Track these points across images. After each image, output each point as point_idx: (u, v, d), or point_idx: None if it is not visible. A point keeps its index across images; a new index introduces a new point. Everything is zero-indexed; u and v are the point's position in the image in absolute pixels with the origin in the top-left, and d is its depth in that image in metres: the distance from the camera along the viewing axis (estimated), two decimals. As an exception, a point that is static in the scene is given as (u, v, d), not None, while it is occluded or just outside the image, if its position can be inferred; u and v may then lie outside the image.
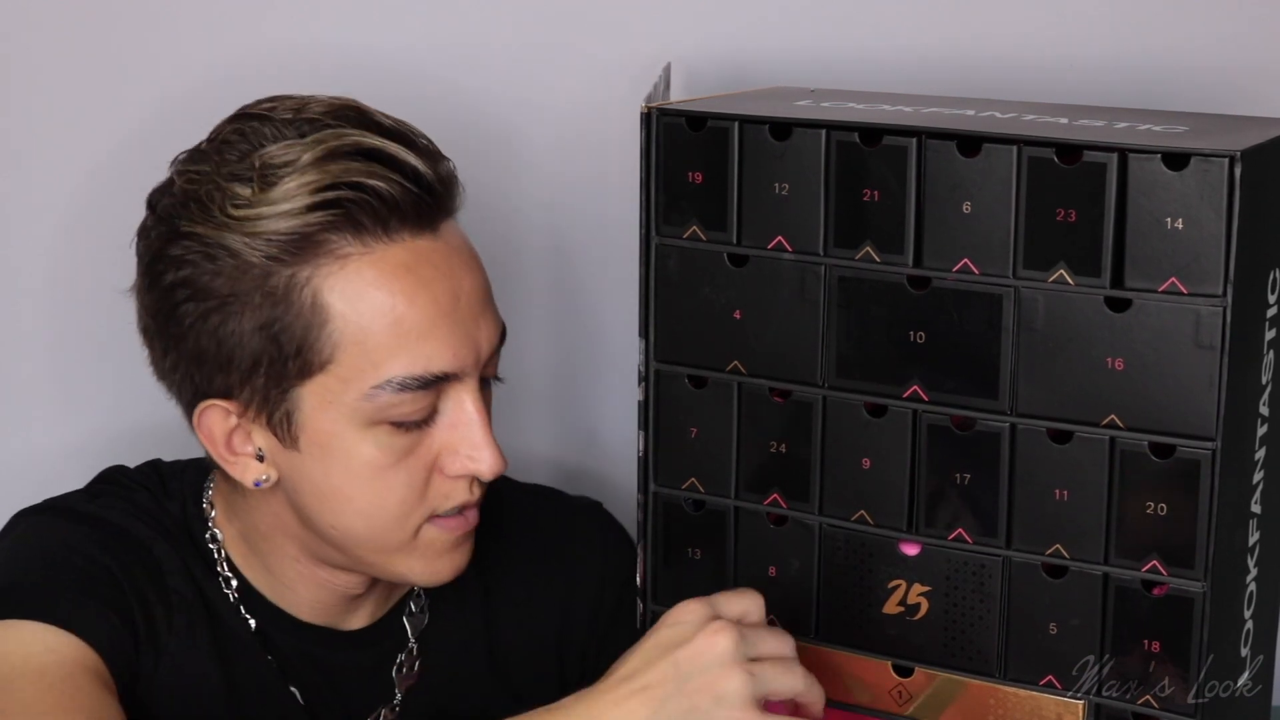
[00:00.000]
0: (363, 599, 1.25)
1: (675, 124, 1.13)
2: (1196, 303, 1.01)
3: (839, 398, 1.11)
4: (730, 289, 1.13)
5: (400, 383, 1.11)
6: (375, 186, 1.10)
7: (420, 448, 1.14)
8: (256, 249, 1.10)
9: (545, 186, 1.49)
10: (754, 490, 1.15)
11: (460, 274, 1.14)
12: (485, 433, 1.15)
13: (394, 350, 1.11)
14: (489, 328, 1.16)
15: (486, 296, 1.17)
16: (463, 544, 1.19)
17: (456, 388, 1.14)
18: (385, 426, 1.13)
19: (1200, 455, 1.02)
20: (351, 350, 1.11)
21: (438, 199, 1.14)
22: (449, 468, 1.15)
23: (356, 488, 1.14)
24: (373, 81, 1.26)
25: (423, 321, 1.11)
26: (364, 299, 1.11)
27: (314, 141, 1.11)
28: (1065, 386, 1.05)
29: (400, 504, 1.15)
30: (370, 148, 1.11)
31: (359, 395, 1.12)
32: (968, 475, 1.08)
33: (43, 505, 1.24)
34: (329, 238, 1.10)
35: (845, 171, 1.08)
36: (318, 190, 1.09)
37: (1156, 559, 1.04)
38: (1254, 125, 1.09)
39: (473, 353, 1.14)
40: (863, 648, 1.13)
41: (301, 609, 1.24)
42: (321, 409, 1.12)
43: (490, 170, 1.46)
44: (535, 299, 1.52)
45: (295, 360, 1.11)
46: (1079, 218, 1.03)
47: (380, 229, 1.11)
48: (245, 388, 1.13)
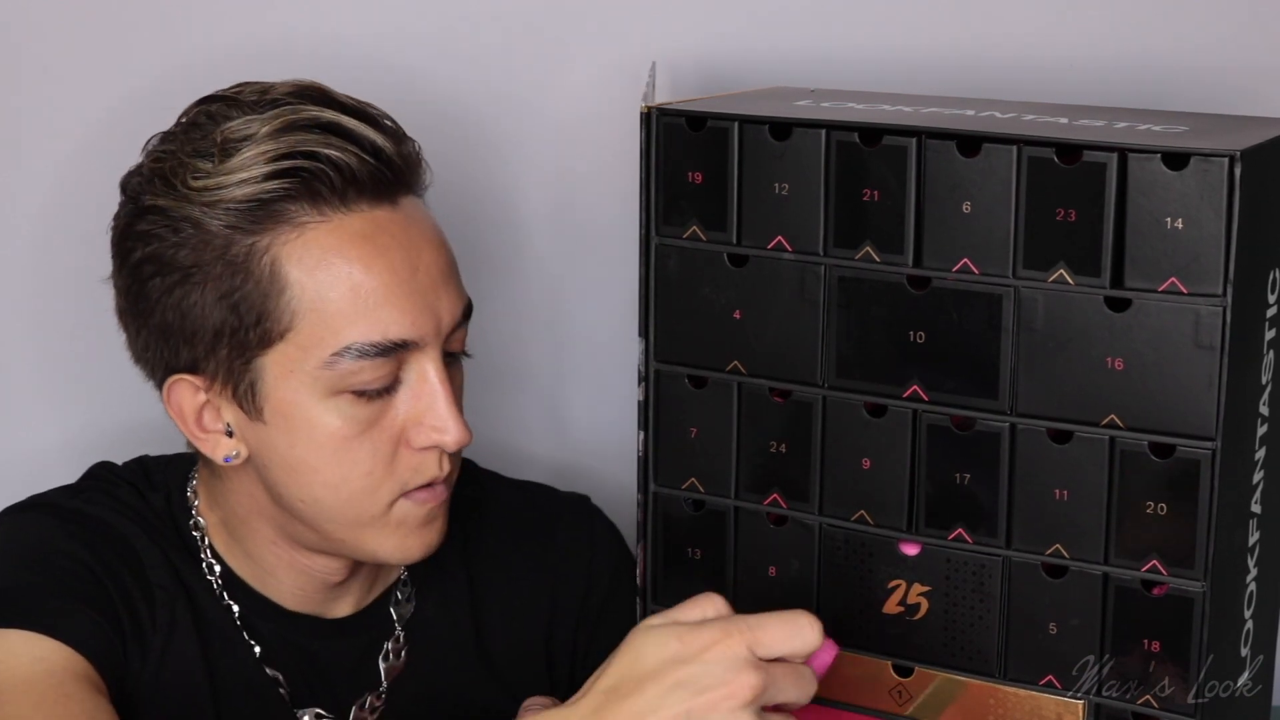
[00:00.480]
0: (346, 586, 1.25)
1: (675, 124, 1.13)
2: (1196, 303, 1.01)
3: (839, 398, 1.11)
4: (730, 289, 1.13)
5: (359, 349, 1.12)
6: (332, 156, 1.12)
7: (384, 419, 1.15)
8: (216, 218, 1.12)
9: (542, 185, 1.49)
10: (754, 490, 1.15)
11: (419, 245, 1.15)
12: (449, 403, 1.15)
13: (351, 317, 1.12)
14: (450, 300, 1.16)
15: (448, 270, 1.17)
16: (433, 521, 1.19)
17: (418, 357, 1.15)
18: (347, 396, 1.13)
19: (1200, 455, 1.02)
20: (310, 318, 1.12)
21: (396, 173, 1.16)
22: (415, 439, 1.15)
23: (321, 459, 1.15)
24: (350, 76, 1.26)
25: (380, 288, 1.13)
26: (321, 266, 1.12)
27: (273, 115, 1.13)
28: (1065, 386, 1.05)
29: (366, 476, 1.15)
30: (328, 121, 1.14)
31: (319, 363, 1.13)
32: (968, 475, 1.08)
33: (26, 503, 1.24)
34: (287, 207, 1.12)
35: (845, 171, 1.08)
36: (274, 159, 1.12)
37: (1156, 559, 1.04)
38: (1254, 125, 1.09)
39: (432, 321, 1.15)
40: (863, 648, 1.13)
41: (285, 597, 1.24)
42: (283, 378, 1.14)
43: (486, 168, 1.46)
44: (530, 297, 1.52)
45: (256, 329, 1.13)
46: (1079, 218, 1.03)
47: (337, 199, 1.13)
48: (210, 360, 1.15)
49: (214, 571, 1.23)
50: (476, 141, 1.45)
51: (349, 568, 1.24)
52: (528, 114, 1.48)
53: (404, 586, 1.29)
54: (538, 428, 1.55)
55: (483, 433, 1.49)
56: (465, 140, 1.43)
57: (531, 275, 1.51)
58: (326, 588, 1.24)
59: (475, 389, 1.49)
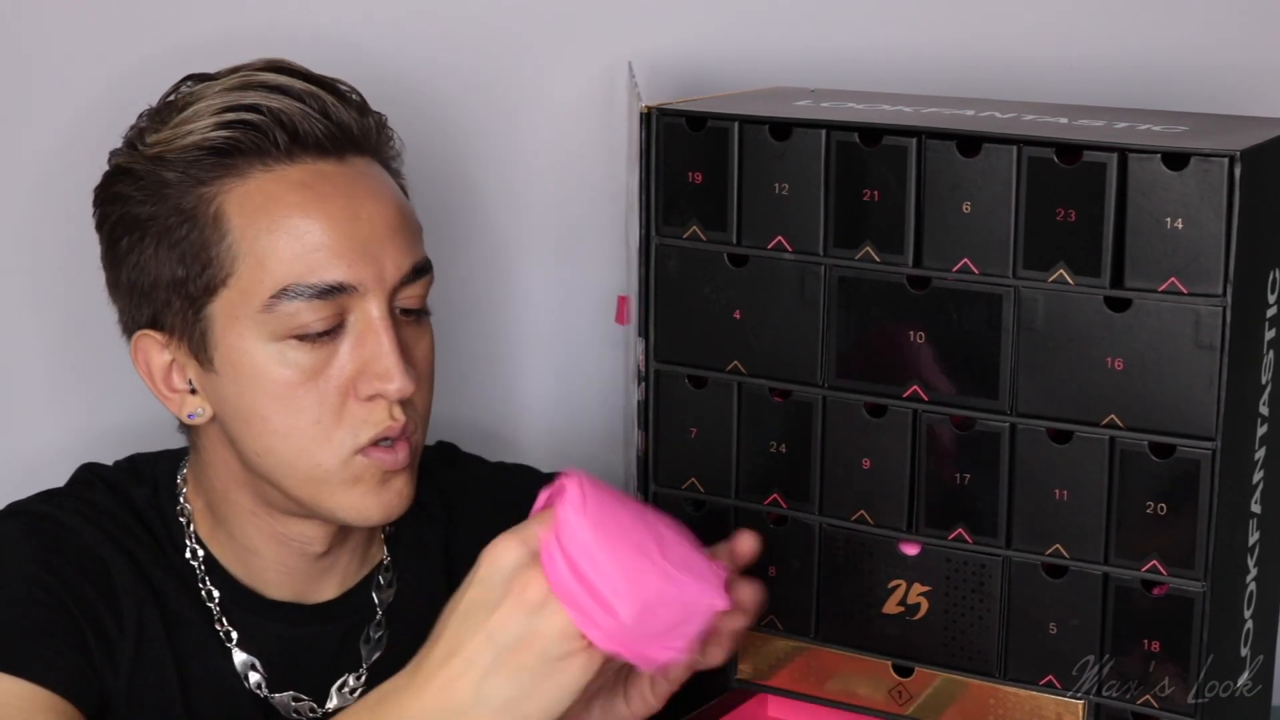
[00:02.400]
0: (330, 564, 1.25)
1: (675, 124, 1.13)
2: (1196, 303, 1.01)
3: (839, 398, 1.11)
4: (730, 289, 1.13)
5: (294, 290, 1.14)
6: (275, 109, 1.15)
7: (331, 367, 1.16)
8: (169, 170, 1.16)
9: (525, 178, 1.49)
10: (754, 490, 1.15)
11: (362, 196, 1.17)
12: (392, 351, 1.16)
13: (288, 259, 1.14)
14: (396, 251, 1.17)
15: (396, 224, 1.18)
16: (391, 484, 1.19)
17: (363, 305, 1.16)
18: (291, 341, 1.15)
19: (1200, 455, 1.02)
20: (249, 261, 1.15)
21: (345, 132, 1.18)
22: (360, 389, 1.16)
23: (269, 407, 1.16)
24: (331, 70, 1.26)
25: (316, 230, 1.14)
26: (261, 211, 1.15)
27: (231, 79, 1.18)
28: (1065, 386, 1.05)
29: (314, 424, 1.16)
30: (282, 84, 1.17)
31: (259, 306, 1.14)
32: (968, 475, 1.08)
33: (4, 511, 1.25)
34: (234, 160, 1.15)
35: (845, 171, 1.08)
36: (224, 110, 1.15)
37: (1156, 559, 1.04)
38: (1254, 125, 1.09)
39: (371, 268, 1.15)
40: (863, 648, 1.13)
41: (270, 580, 1.24)
42: (229, 325, 1.16)
43: (467, 159, 1.46)
44: (522, 295, 1.52)
45: (201, 277, 1.15)
46: (1079, 218, 1.03)
47: (282, 152, 1.15)
48: (167, 313, 1.18)
49: (197, 557, 1.24)
50: (456, 134, 1.45)
51: (329, 537, 1.24)
52: (513, 109, 1.48)
53: (386, 571, 1.29)
54: (518, 414, 1.54)
55: (468, 419, 1.50)
56: (445, 132, 1.43)
57: (510, 263, 1.51)
58: (309, 562, 1.24)
59: (464, 378, 1.50)
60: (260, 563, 1.24)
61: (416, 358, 1.19)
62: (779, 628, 1.16)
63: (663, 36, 1.45)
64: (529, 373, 1.52)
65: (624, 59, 1.42)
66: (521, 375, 1.52)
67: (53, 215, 1.45)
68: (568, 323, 1.51)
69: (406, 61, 1.44)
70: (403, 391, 1.15)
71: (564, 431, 1.52)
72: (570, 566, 0.95)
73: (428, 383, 1.21)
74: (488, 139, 1.48)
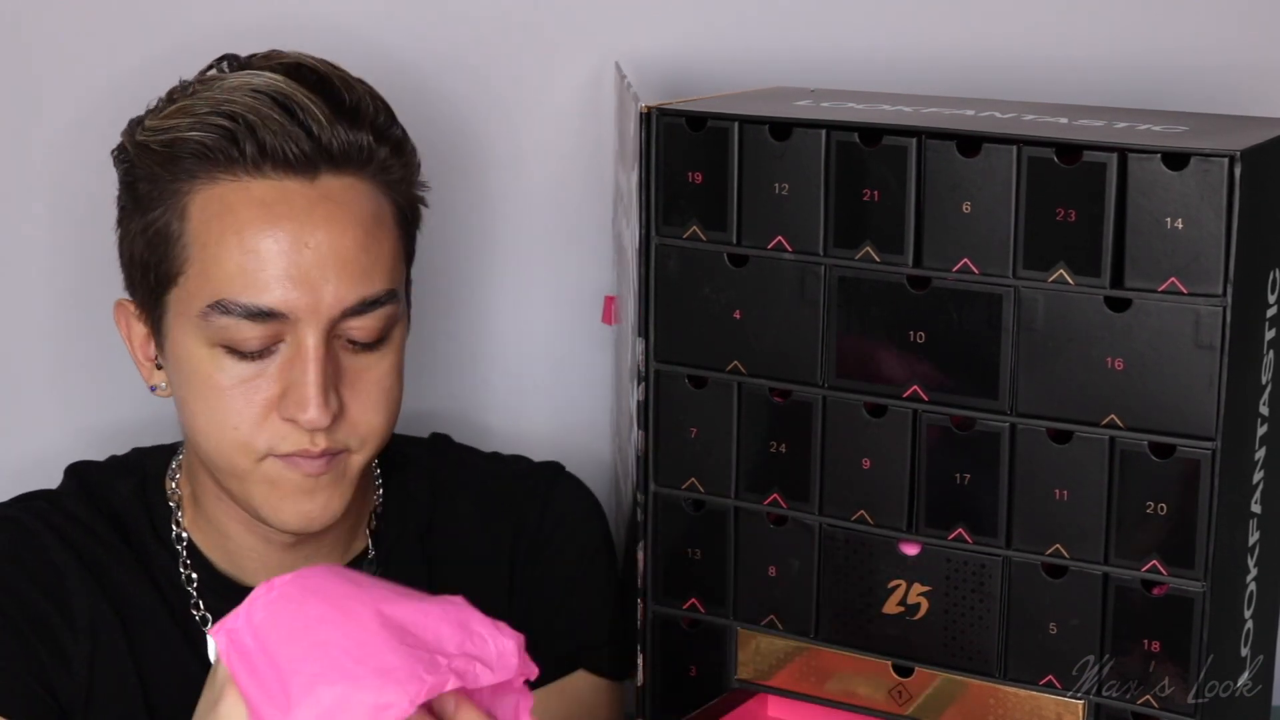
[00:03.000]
0: (309, 553, 1.25)
1: (675, 124, 1.13)
2: (1196, 303, 1.01)
3: (839, 398, 1.11)
4: (730, 289, 1.13)
5: (226, 306, 1.15)
6: (254, 122, 1.15)
7: (260, 380, 1.16)
8: (153, 160, 1.17)
9: (524, 182, 1.49)
10: (754, 490, 1.15)
11: (318, 222, 1.16)
12: (313, 383, 1.15)
13: (228, 275, 1.15)
14: (340, 284, 1.16)
15: (348, 255, 1.16)
16: (313, 493, 1.19)
17: (297, 331, 1.16)
18: (222, 349, 1.16)
19: (1200, 455, 1.02)
20: (196, 266, 1.16)
21: (324, 152, 1.17)
22: (281, 409, 1.17)
23: (198, 402, 1.18)
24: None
25: (260, 253, 1.15)
26: (216, 220, 1.15)
27: (236, 78, 1.18)
28: (1065, 386, 1.05)
29: (234, 430, 1.17)
30: (281, 92, 1.16)
31: (197, 312, 1.16)
32: (968, 475, 1.08)
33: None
34: (204, 165, 1.16)
35: (845, 171, 1.08)
36: (211, 113, 1.16)
37: (1156, 559, 1.04)
38: (1254, 125, 1.09)
39: (308, 299, 1.15)
40: (863, 648, 1.13)
41: (247, 568, 1.25)
42: (176, 320, 1.18)
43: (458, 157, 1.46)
44: (509, 294, 1.52)
45: (159, 268, 1.18)
46: (1079, 218, 1.03)
47: (250, 164, 1.15)
48: (139, 290, 1.20)
49: (181, 541, 1.26)
50: (443, 131, 1.45)
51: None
52: (499, 108, 1.47)
53: (370, 563, 1.29)
54: (505, 412, 1.54)
55: (455, 415, 1.50)
56: (431, 130, 1.43)
57: (497, 262, 1.51)
58: (282, 550, 1.25)
59: (450, 375, 1.50)
60: (237, 548, 1.25)
61: (362, 385, 1.18)
62: (779, 628, 1.16)
63: (651, 36, 1.45)
64: (516, 371, 1.52)
65: (611, 58, 1.42)
66: (508, 374, 1.52)
67: (56, 213, 1.45)
68: (555, 322, 1.51)
69: (394, 60, 1.44)
70: (314, 423, 1.15)
71: (551, 430, 1.52)
72: (248, 674, 0.94)
73: (378, 407, 1.19)
74: (474, 138, 1.48)
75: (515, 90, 1.46)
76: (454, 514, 1.32)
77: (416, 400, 1.46)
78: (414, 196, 1.24)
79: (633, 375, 1.20)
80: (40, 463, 1.39)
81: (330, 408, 1.16)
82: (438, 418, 1.49)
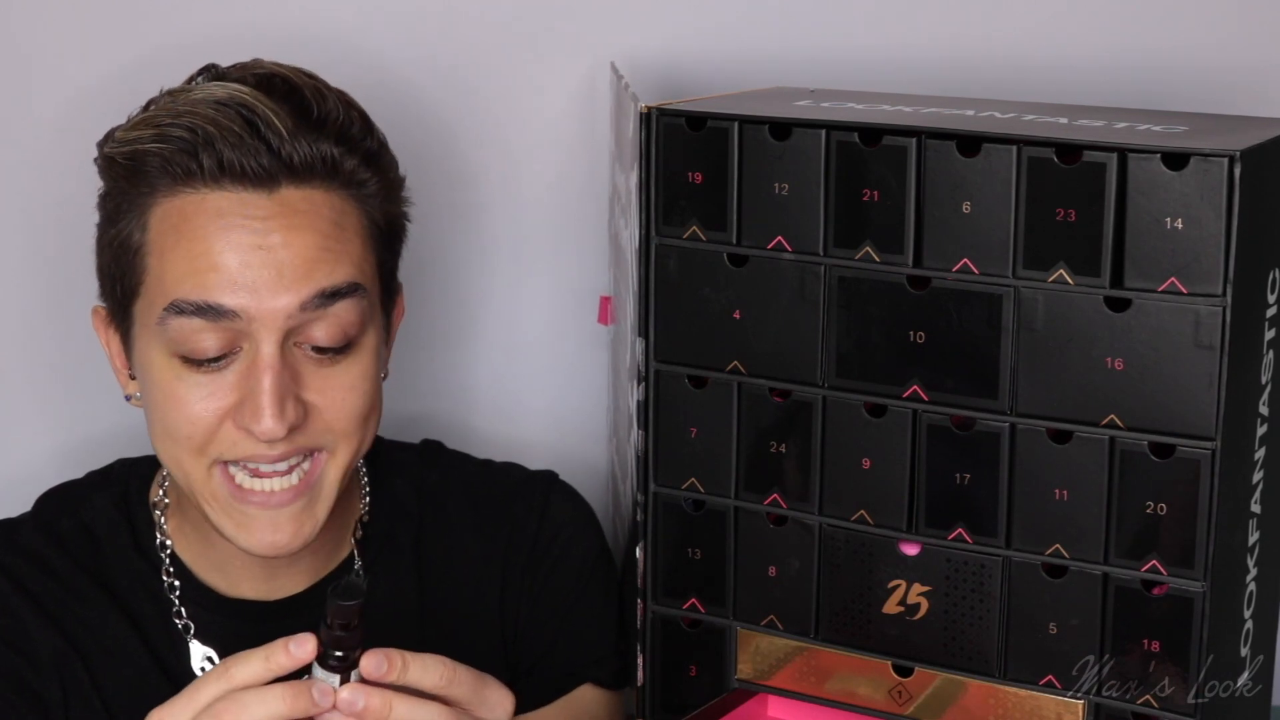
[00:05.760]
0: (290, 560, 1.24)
1: (675, 124, 1.13)
2: (1196, 302, 1.01)
3: (839, 398, 1.11)
4: (730, 289, 1.13)
5: (180, 305, 1.15)
6: (214, 136, 1.15)
7: (218, 390, 1.16)
8: (121, 170, 1.18)
9: (519, 183, 1.49)
10: (754, 490, 1.15)
11: (274, 229, 1.15)
12: (268, 392, 1.15)
13: (181, 277, 1.15)
14: (293, 290, 1.15)
15: (305, 254, 1.16)
16: (278, 527, 1.19)
17: (254, 338, 1.15)
18: (179, 359, 1.16)
19: (1200, 455, 1.02)
20: (153, 272, 1.16)
21: (285, 165, 1.16)
22: (235, 418, 1.17)
23: (156, 410, 1.18)
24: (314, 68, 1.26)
25: (212, 253, 1.15)
26: (172, 229, 1.16)
27: (207, 90, 1.18)
28: (1065, 386, 1.05)
29: (186, 439, 1.17)
30: (244, 105, 1.16)
31: (155, 319, 1.16)
32: (968, 475, 1.08)
33: None
34: (168, 178, 1.16)
35: (845, 171, 1.08)
36: (171, 125, 1.16)
37: (1156, 559, 1.04)
38: (1254, 125, 1.09)
39: (260, 299, 1.14)
40: (863, 648, 1.13)
41: (229, 575, 1.25)
42: (141, 331, 1.18)
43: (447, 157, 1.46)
44: (503, 295, 1.52)
45: (124, 280, 1.19)
46: (1079, 218, 1.03)
47: (208, 177, 1.15)
48: (110, 300, 1.21)
49: (165, 549, 1.26)
50: (437, 133, 1.45)
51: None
52: (494, 108, 1.47)
53: (357, 573, 1.29)
54: (500, 414, 1.54)
55: (448, 418, 1.50)
56: (426, 131, 1.43)
57: (491, 263, 1.51)
58: (264, 561, 1.24)
59: (443, 377, 1.50)
60: (219, 556, 1.25)
61: (330, 390, 1.17)
62: (779, 628, 1.16)
63: (646, 36, 1.44)
64: (510, 373, 1.52)
65: (605, 59, 1.42)
66: (502, 376, 1.52)
67: (42, 221, 1.45)
68: (550, 322, 1.51)
69: (388, 61, 1.44)
70: (268, 434, 1.15)
71: (546, 431, 1.52)
72: None
73: (346, 412, 1.18)
74: (469, 139, 1.47)
75: (509, 92, 1.46)
76: (445, 522, 1.32)
77: (408, 403, 1.47)
78: (392, 211, 1.22)
79: (632, 375, 1.20)
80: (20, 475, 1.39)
81: (286, 418, 1.15)
82: (431, 421, 1.49)
